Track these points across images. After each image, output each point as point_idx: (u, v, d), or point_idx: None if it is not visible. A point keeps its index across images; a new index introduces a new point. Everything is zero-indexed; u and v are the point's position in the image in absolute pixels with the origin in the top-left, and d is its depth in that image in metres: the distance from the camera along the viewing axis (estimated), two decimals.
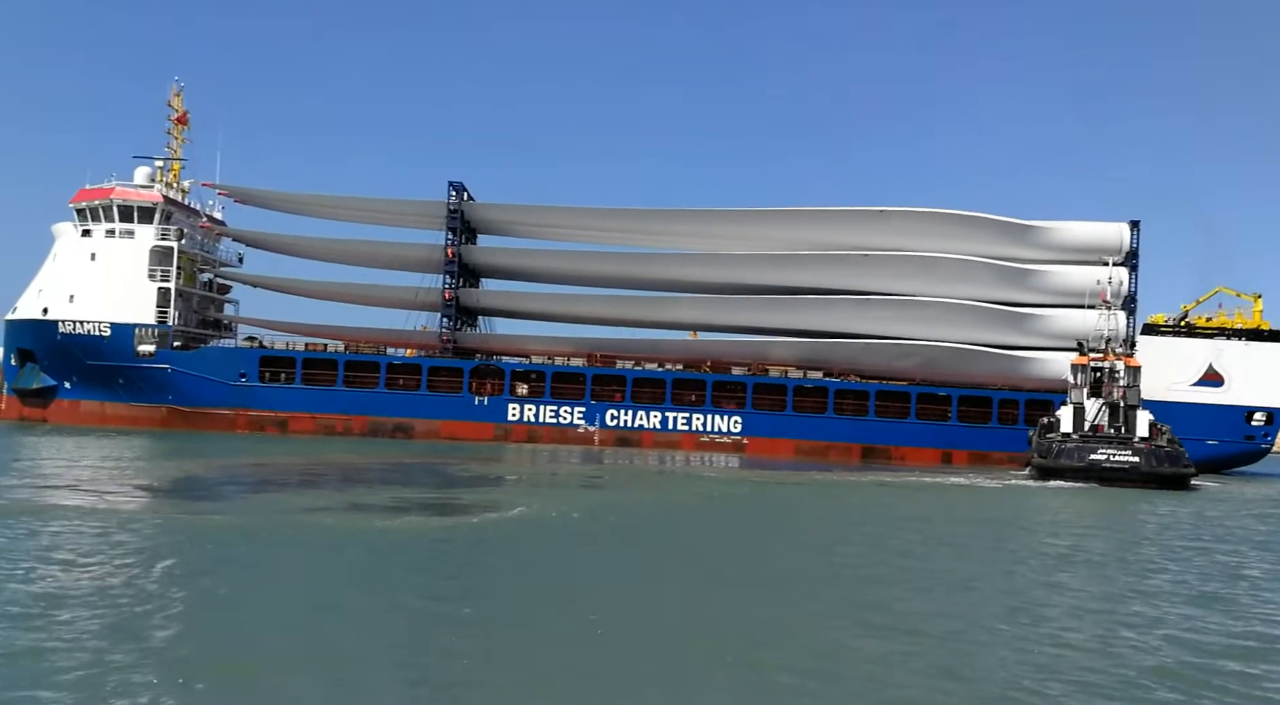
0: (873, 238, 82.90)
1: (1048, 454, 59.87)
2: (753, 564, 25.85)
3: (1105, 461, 57.61)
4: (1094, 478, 57.13)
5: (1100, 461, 57.65)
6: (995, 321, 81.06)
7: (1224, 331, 79.95)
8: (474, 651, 15.67)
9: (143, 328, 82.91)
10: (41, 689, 13.05)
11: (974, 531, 35.10)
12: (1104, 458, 57.72)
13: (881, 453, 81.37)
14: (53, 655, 14.49)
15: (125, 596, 18.37)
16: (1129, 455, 57.50)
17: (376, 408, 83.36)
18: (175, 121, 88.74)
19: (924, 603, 20.90)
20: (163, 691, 13.14)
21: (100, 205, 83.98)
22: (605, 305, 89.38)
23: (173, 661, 14.44)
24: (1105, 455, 57.67)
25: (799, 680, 14.74)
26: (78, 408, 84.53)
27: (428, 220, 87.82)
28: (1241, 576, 26.59)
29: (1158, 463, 57.65)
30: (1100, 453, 58.12)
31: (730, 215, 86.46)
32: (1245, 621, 20.39)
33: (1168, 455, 58.41)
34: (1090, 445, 59.13)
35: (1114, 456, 57.40)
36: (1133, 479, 56.76)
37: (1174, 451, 58.73)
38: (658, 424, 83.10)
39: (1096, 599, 22.38)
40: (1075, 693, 14.59)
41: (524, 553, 26.09)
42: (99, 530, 25.98)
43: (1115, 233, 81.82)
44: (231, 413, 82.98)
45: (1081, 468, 57.68)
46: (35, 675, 13.58)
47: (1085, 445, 59.21)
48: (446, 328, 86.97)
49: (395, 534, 28.24)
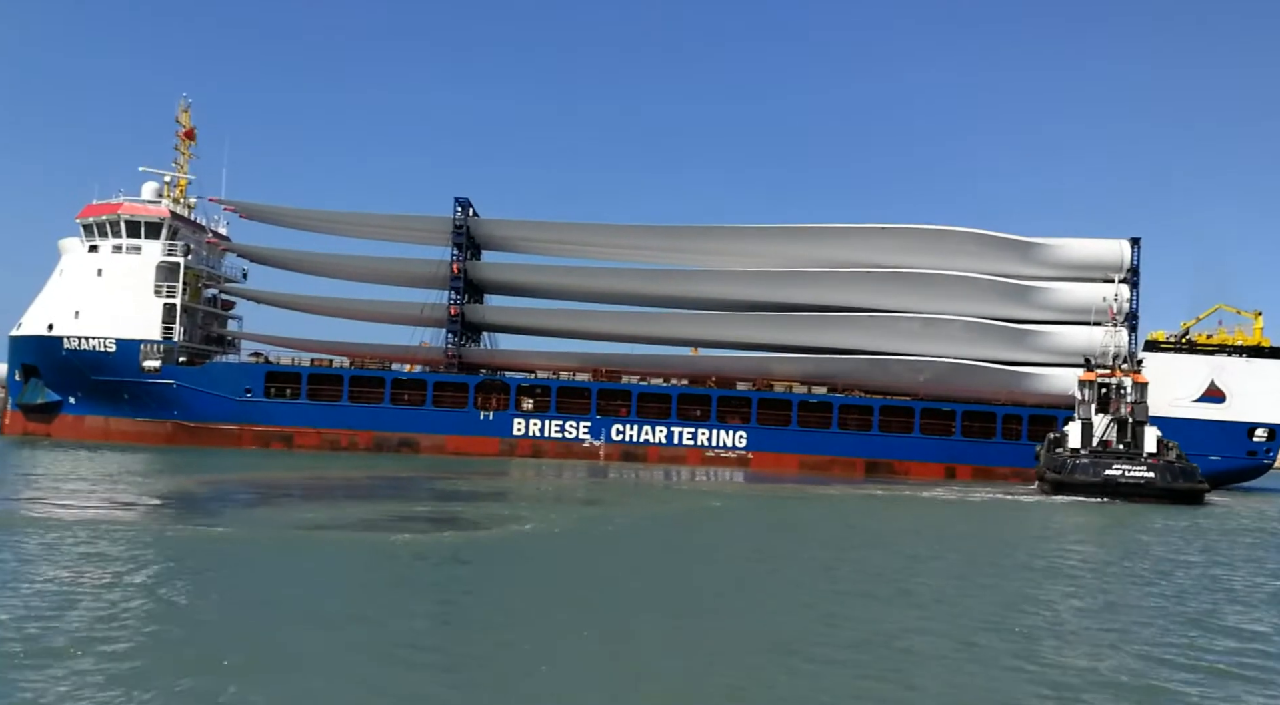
0: (877, 254, 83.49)
1: (1061, 469, 60.19)
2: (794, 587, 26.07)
3: (1121, 477, 57.99)
4: (1109, 493, 57.46)
5: (1116, 477, 58.03)
6: (999, 337, 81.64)
7: (1225, 348, 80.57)
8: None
9: (148, 343, 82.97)
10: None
11: (1031, 549, 34.70)
12: (1119, 473, 58.12)
13: (885, 467, 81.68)
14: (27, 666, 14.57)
15: (99, 609, 18.31)
16: (1144, 471, 57.90)
17: (382, 423, 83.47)
18: (183, 137, 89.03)
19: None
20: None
21: (107, 220, 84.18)
22: (609, 321, 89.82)
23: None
24: (1120, 471, 58.07)
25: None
26: (82, 423, 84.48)
27: (433, 236, 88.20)
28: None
29: (1172, 478, 58.10)
30: (1115, 468, 58.52)
31: (734, 232, 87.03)
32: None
33: (1182, 471, 58.87)
34: (1104, 461, 59.55)
35: (1129, 472, 57.80)
36: (1148, 495, 57.14)
37: (1187, 467, 59.21)
38: (663, 439, 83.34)
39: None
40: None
41: (505, 570, 25.89)
42: (88, 542, 26.01)
43: (1116, 249, 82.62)
44: (237, 428, 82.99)
45: (1097, 483, 58.03)
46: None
47: (1100, 461, 59.62)
48: (452, 343, 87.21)
49: (388, 549, 28.17)
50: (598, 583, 24.08)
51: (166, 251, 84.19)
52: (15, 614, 17.55)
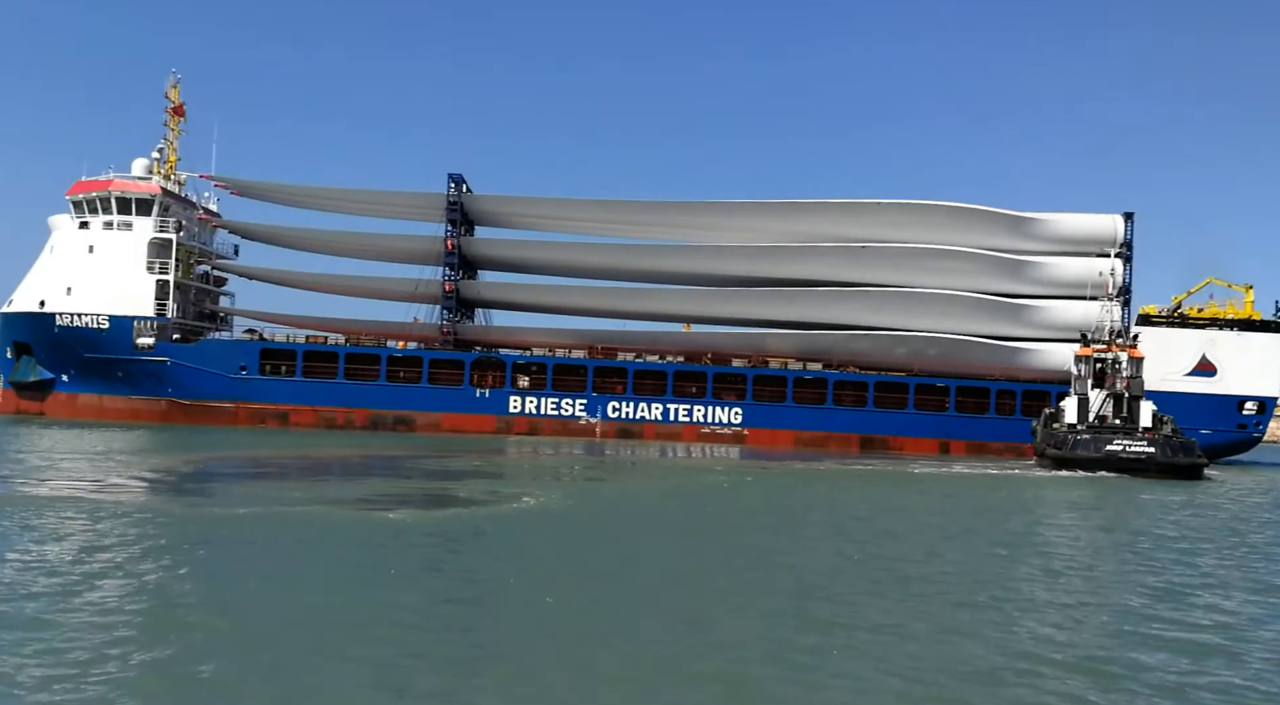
0: (870, 230, 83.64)
1: (1063, 445, 60.84)
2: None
3: (1122, 452, 58.72)
4: (1110, 468, 58.17)
5: (1117, 452, 58.75)
6: (992, 313, 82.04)
7: (1216, 322, 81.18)
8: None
9: (141, 320, 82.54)
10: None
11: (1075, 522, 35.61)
12: (1120, 448, 58.85)
13: (880, 443, 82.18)
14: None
15: (77, 586, 18.31)
16: (1145, 446, 58.64)
17: (378, 400, 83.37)
18: (172, 113, 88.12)
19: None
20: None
21: (98, 197, 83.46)
22: (604, 297, 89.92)
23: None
24: (1121, 446, 58.79)
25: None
26: (75, 401, 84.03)
27: (426, 212, 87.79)
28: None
29: (1173, 453, 58.90)
30: (1116, 443, 59.23)
31: (728, 207, 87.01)
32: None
33: (1182, 446, 59.73)
34: (1105, 436, 60.23)
35: (1130, 447, 58.50)
36: (1149, 469, 57.87)
37: (1186, 442, 60.05)
38: (659, 416, 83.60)
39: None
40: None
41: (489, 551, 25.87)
42: (76, 521, 25.86)
43: (1110, 224, 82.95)
44: (232, 406, 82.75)
45: (1099, 458, 58.72)
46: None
47: (1100, 436, 60.29)
48: (447, 320, 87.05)
49: (381, 526, 28.12)
50: (588, 562, 23.95)
51: (159, 228, 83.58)
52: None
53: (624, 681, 14.08)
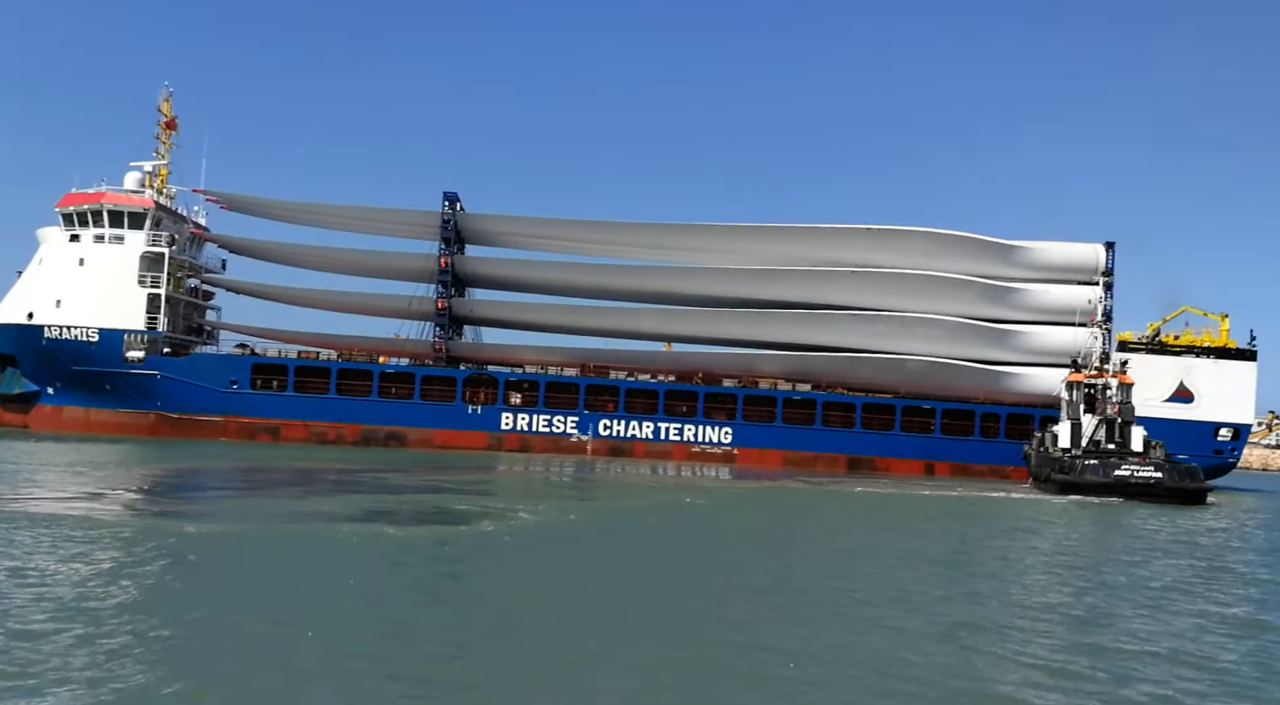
0: (860, 254, 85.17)
1: (1069, 469, 61.91)
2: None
3: (1131, 477, 59.97)
4: (1119, 493, 59.15)
5: (1125, 477, 59.96)
6: (978, 337, 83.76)
7: (1193, 350, 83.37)
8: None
9: (132, 334, 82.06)
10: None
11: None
12: (1129, 473, 60.14)
13: (867, 463, 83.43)
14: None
15: (63, 603, 18.65)
16: (1153, 471, 60.06)
17: (369, 416, 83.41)
18: (164, 126, 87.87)
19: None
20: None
21: (89, 209, 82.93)
22: (596, 316, 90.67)
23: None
24: (1129, 471, 60.19)
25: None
26: (60, 414, 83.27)
27: (419, 230, 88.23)
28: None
29: (1179, 478, 60.36)
30: (1125, 468, 60.57)
31: (720, 230, 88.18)
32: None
33: (1187, 471, 61.21)
34: (1111, 461, 61.58)
35: (1138, 472, 59.90)
36: (1158, 494, 59.02)
37: (1190, 468, 61.61)
38: (650, 434, 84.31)
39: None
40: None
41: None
42: (58, 537, 25.97)
43: (1092, 253, 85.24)
44: (222, 420, 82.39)
45: (1107, 483, 59.79)
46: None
47: (1108, 461, 61.60)
48: (439, 337, 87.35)
49: (374, 542, 28.69)
50: (571, 580, 24.58)
51: (150, 242, 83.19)
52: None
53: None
